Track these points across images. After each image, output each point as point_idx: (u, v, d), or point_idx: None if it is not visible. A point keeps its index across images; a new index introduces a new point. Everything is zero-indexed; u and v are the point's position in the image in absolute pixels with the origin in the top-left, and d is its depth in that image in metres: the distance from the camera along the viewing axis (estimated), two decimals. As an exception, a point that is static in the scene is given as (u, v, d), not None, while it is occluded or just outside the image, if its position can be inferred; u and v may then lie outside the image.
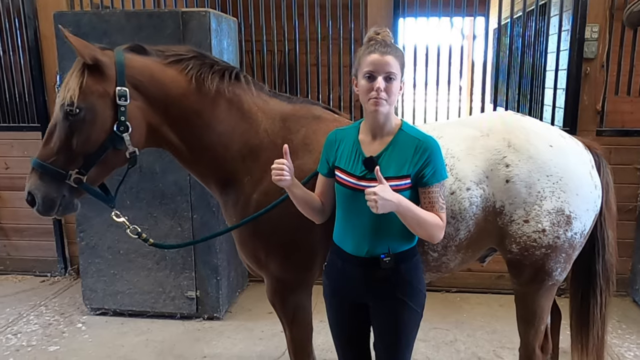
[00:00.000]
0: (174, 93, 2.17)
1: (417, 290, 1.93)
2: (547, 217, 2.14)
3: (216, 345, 3.58)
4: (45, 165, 2.04)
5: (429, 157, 1.80)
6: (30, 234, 4.80)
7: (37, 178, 2.06)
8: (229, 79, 2.26)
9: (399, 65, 1.83)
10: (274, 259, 2.30)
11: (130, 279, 3.89)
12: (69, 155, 2.05)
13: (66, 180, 2.07)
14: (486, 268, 4.00)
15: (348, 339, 2.10)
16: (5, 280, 4.79)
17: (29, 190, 2.06)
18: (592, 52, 3.89)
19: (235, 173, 2.30)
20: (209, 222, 3.71)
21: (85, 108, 2.02)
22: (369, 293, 1.93)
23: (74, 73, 2.04)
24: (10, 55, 4.53)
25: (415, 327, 1.98)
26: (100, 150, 2.07)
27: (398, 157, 1.84)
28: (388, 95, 1.79)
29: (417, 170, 1.81)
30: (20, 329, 3.85)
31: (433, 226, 1.79)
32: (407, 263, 1.90)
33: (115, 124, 2.06)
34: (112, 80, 2.06)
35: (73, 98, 2.00)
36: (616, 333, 3.66)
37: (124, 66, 2.08)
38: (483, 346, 3.52)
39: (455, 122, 2.52)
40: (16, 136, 4.61)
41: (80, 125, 2.03)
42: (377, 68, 1.79)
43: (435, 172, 1.81)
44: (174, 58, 2.21)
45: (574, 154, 2.23)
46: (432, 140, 1.85)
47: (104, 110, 2.06)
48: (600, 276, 2.44)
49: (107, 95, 2.05)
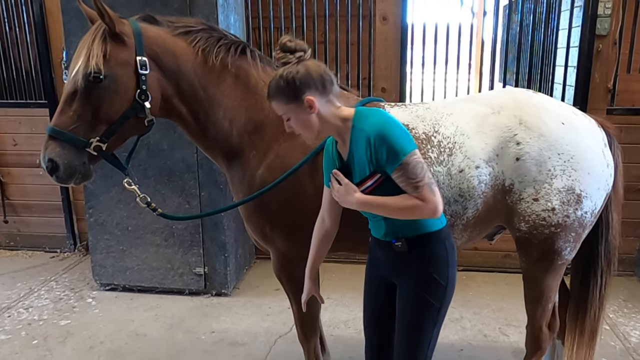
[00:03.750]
0: (184, 65, 2.18)
1: (432, 280, 1.85)
2: (557, 196, 2.12)
3: (224, 321, 3.62)
4: (65, 133, 2.02)
5: (379, 143, 1.70)
6: (39, 210, 4.85)
7: (58, 146, 2.03)
8: (235, 53, 2.26)
9: (282, 104, 1.76)
10: (279, 234, 2.32)
11: (139, 255, 3.93)
12: (91, 123, 2.05)
13: (86, 149, 2.06)
14: (493, 247, 4.00)
15: (372, 315, 2.09)
16: (16, 256, 4.86)
17: (50, 157, 2.03)
18: (604, 29, 3.81)
19: (241, 148, 2.30)
20: (217, 199, 3.72)
21: (110, 76, 2.02)
22: (391, 272, 1.95)
23: (96, 41, 2.01)
24: (16, 31, 4.51)
25: (430, 320, 1.88)
26: (122, 118, 2.08)
27: (358, 158, 1.79)
28: (299, 130, 1.80)
29: (377, 164, 1.74)
30: (31, 304, 3.91)
31: (409, 209, 1.72)
32: (421, 248, 1.85)
33: (137, 93, 2.07)
34: (132, 49, 2.07)
35: (99, 65, 1.98)
36: (622, 312, 3.67)
37: (142, 35, 2.09)
38: (489, 324, 3.54)
39: (465, 99, 2.48)
40: (24, 113, 4.62)
41: (103, 94, 2.03)
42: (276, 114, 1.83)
43: (389, 156, 1.70)
44: (183, 30, 2.20)
45: (587, 131, 2.19)
46: (378, 123, 1.74)
47: (127, 79, 2.06)
48: (602, 257, 2.43)
49: (129, 64, 2.06)
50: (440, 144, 2.17)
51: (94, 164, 2.14)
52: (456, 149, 2.14)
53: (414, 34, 4.11)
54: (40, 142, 2.09)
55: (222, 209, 2.88)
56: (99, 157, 2.12)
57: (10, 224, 4.91)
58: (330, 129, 1.81)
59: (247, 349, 3.27)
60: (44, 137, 2.06)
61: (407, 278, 1.90)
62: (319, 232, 2.08)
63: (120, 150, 2.23)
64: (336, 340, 3.28)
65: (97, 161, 2.15)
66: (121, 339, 3.41)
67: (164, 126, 3.45)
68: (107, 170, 3.57)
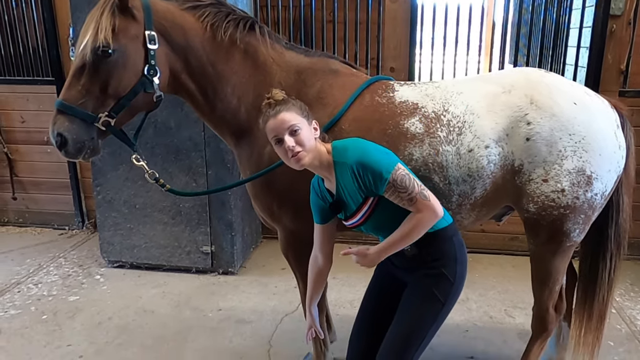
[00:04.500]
0: (193, 40, 2.16)
1: (440, 274, 1.90)
2: (567, 177, 2.10)
3: (231, 299, 3.65)
4: (74, 107, 2.01)
5: (362, 171, 1.81)
6: (47, 187, 4.88)
7: (66, 120, 2.01)
8: (244, 29, 2.23)
9: (296, 113, 1.82)
10: (286, 212, 2.32)
11: (147, 233, 3.95)
12: (99, 98, 2.04)
13: (95, 123, 2.04)
14: (500, 229, 4.00)
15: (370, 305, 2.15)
16: (25, 233, 4.91)
17: (59, 132, 2.02)
18: (619, 9, 3.74)
19: (249, 125, 2.29)
20: (224, 178, 3.72)
21: (119, 50, 2.00)
22: (403, 273, 2.01)
23: (105, 14, 1.98)
24: (23, 8, 4.48)
25: (430, 314, 1.92)
26: (131, 93, 2.07)
27: (348, 189, 1.88)
28: (301, 144, 1.79)
29: (366, 189, 1.84)
30: (40, 279, 3.95)
31: (415, 228, 1.81)
32: (430, 247, 1.91)
33: (146, 67, 2.06)
34: (141, 23, 2.05)
35: (108, 39, 1.96)
36: (628, 296, 3.67)
37: (150, 9, 2.07)
38: (495, 305, 3.55)
39: (476, 78, 2.45)
40: (31, 90, 4.61)
41: (112, 68, 2.01)
42: (278, 131, 1.81)
43: (375, 179, 1.80)
44: (191, 4, 2.18)
45: (599, 112, 2.16)
46: (355, 151, 1.84)
47: (136, 53, 2.05)
48: (611, 240, 2.40)
49: (137, 38, 2.04)
50: (450, 122, 2.14)
51: (102, 139, 2.13)
52: (466, 128, 2.12)
53: (423, 14, 4.05)
54: (48, 120, 2.08)
55: (230, 185, 2.89)
56: (107, 132, 2.11)
57: (19, 201, 4.95)
58: (318, 159, 1.87)
59: (253, 326, 3.30)
60: (52, 112, 2.05)
61: (416, 274, 1.96)
62: (313, 270, 2.15)
63: (127, 127, 2.22)
64: (342, 319, 3.30)
65: (106, 136, 2.14)
66: (129, 315, 3.45)
67: (171, 104, 3.44)
68: (114, 148, 3.58)
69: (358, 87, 2.27)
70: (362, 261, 1.90)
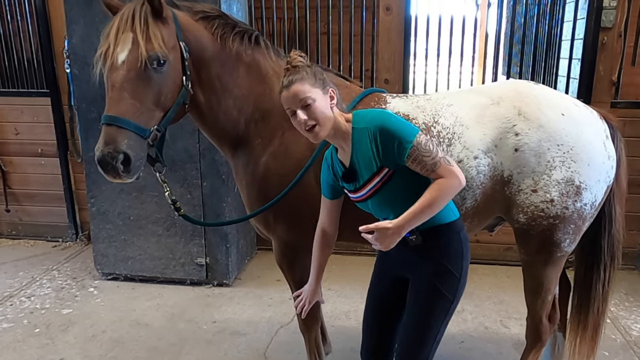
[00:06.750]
0: (207, 52, 2.15)
1: (447, 271, 1.86)
2: (556, 187, 2.11)
3: (226, 311, 3.64)
4: (131, 122, 1.87)
5: (384, 137, 1.75)
6: (41, 199, 4.87)
7: (126, 137, 1.86)
8: (249, 42, 2.24)
9: (309, 84, 1.75)
10: (282, 223, 2.33)
11: (141, 245, 3.94)
12: (150, 111, 1.94)
13: (147, 138, 1.94)
14: (494, 240, 4.00)
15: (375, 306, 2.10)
16: (18, 245, 4.89)
17: (124, 151, 1.85)
18: (609, 21, 3.78)
19: (247, 136, 2.30)
20: (219, 190, 3.73)
21: (168, 60, 1.96)
22: (404, 266, 1.96)
23: (150, 22, 1.90)
24: (18, 20, 4.50)
25: (441, 312, 1.89)
26: (176, 105, 2.02)
27: (363, 157, 1.81)
28: (314, 118, 1.75)
29: (385, 156, 1.76)
30: (33, 292, 3.93)
31: (440, 196, 1.71)
32: (435, 240, 1.86)
33: (184, 78, 2.04)
34: (174, 34, 2.02)
35: (164, 49, 1.91)
36: (623, 306, 3.67)
37: (177, 19, 2.05)
38: (490, 316, 3.54)
39: (467, 90, 2.48)
40: (26, 102, 4.61)
41: (162, 79, 1.95)
42: (290, 104, 1.77)
43: (399, 143, 1.73)
44: (202, 15, 2.18)
45: (588, 123, 2.18)
46: (377, 117, 1.79)
47: (177, 63, 2.01)
48: (605, 252, 2.41)
49: (175, 48, 2.01)
50: (440, 134, 2.16)
51: None
52: (455, 140, 2.14)
53: (417, 26, 4.09)
54: (42, 132, 2.06)
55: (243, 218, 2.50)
56: (152, 147, 2.01)
57: (12, 213, 4.93)
58: (336, 128, 1.82)
59: (248, 339, 3.29)
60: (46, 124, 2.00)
61: (420, 270, 1.90)
62: (320, 242, 2.10)
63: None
64: (337, 330, 3.29)
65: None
66: (123, 328, 3.43)
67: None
68: (108, 160, 3.57)
69: (352, 100, 2.29)
70: (381, 239, 1.73)
